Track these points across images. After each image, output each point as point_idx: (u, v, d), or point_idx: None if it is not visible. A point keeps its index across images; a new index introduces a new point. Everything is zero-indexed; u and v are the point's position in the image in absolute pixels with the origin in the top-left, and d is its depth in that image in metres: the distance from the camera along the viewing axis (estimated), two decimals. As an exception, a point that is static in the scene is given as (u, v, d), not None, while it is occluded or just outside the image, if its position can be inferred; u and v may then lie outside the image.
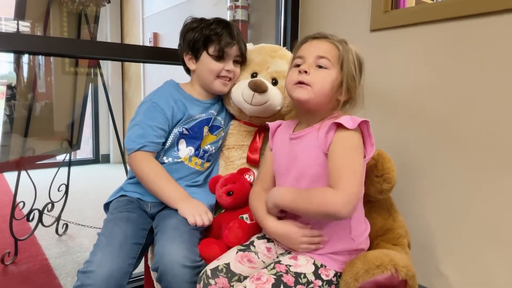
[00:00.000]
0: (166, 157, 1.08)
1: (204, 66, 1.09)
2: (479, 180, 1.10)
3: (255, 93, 1.05)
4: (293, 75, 0.89)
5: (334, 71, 0.86)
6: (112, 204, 1.07)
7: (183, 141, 1.10)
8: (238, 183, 1.04)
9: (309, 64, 0.87)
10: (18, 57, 1.81)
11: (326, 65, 0.86)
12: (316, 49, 0.88)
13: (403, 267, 0.83)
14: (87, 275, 0.84)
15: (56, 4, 1.97)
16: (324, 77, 0.86)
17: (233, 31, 1.09)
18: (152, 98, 1.08)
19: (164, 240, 0.92)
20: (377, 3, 1.31)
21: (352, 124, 0.81)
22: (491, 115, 1.07)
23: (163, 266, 0.87)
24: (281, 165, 0.93)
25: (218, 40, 1.07)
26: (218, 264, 0.87)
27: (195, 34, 1.08)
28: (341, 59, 0.86)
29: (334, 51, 0.87)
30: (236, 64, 1.12)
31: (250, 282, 0.78)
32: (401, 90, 1.28)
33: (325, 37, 0.90)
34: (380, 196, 1.02)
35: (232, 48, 1.09)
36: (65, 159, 2.21)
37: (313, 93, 0.85)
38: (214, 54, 1.07)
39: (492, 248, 1.08)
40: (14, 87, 1.79)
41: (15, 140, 1.78)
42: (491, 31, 1.05)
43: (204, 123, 1.11)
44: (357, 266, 0.83)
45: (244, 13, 1.80)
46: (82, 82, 2.18)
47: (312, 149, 0.86)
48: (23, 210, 1.92)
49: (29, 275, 1.60)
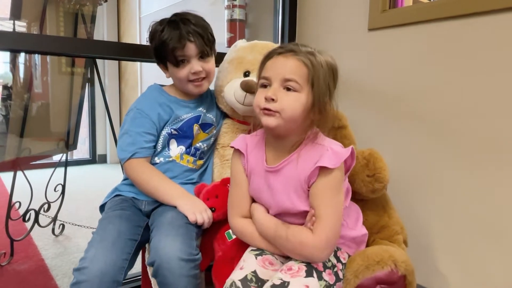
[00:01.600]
0: (157, 158, 1.08)
1: (173, 75, 1.09)
2: (478, 179, 1.10)
3: (247, 93, 1.04)
4: (259, 98, 0.81)
5: (304, 93, 0.78)
6: (107, 205, 1.06)
7: (174, 141, 1.10)
8: (221, 197, 0.99)
9: (275, 89, 0.79)
10: (14, 57, 1.80)
11: (294, 87, 0.78)
12: (283, 69, 0.79)
13: (402, 262, 0.84)
14: (81, 271, 0.84)
15: (53, 4, 1.96)
16: (293, 101, 0.78)
17: (183, 30, 1.01)
18: (137, 105, 1.08)
19: (160, 235, 0.91)
20: (375, 2, 1.31)
21: (335, 162, 0.78)
22: (489, 114, 1.07)
23: (159, 260, 0.87)
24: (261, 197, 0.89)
25: (167, 48, 1.02)
26: (245, 273, 0.82)
27: (153, 44, 1.07)
28: (311, 79, 0.78)
29: (302, 70, 0.78)
30: (203, 59, 1.05)
31: (284, 274, 0.77)
32: (399, 90, 1.28)
33: (291, 51, 0.80)
34: (372, 195, 1.02)
35: (187, 48, 1.02)
36: (62, 159, 2.19)
37: (282, 120, 0.78)
38: (172, 63, 1.04)
39: (491, 247, 1.08)
40: (10, 87, 1.78)
41: (11, 140, 1.77)
42: (489, 30, 1.06)
43: (193, 121, 1.11)
44: (357, 262, 0.83)
45: (242, 12, 1.79)
46: (79, 82, 2.16)
47: (292, 185, 0.82)
48: (19, 210, 1.91)
49: (26, 276, 1.59)
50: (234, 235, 0.98)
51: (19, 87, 1.82)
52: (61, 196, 2.12)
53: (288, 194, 0.83)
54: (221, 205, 0.99)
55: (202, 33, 1.04)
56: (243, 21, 1.81)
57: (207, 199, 1.00)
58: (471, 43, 1.10)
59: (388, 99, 1.31)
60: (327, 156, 0.78)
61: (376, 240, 1.02)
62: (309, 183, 0.81)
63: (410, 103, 1.25)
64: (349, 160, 0.83)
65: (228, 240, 0.99)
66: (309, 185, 0.81)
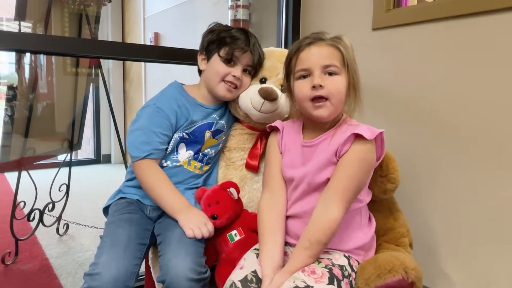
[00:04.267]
0: (165, 161, 1.08)
1: (212, 67, 1.09)
2: (483, 180, 1.09)
3: (265, 100, 1.04)
4: (305, 89, 0.85)
5: (344, 75, 0.85)
6: (112, 207, 1.06)
7: (183, 145, 1.09)
8: (222, 203, 0.99)
9: (319, 76, 0.84)
10: (19, 58, 1.81)
11: (335, 71, 0.84)
12: (320, 57, 0.84)
13: (412, 269, 0.84)
14: (94, 277, 0.83)
15: (57, 4, 1.97)
16: (338, 85, 0.84)
17: (250, 40, 1.08)
18: (156, 102, 1.06)
19: (169, 253, 0.91)
20: (379, 1, 1.31)
21: (370, 134, 0.81)
22: (494, 114, 1.06)
23: (170, 280, 0.86)
24: (294, 171, 0.90)
25: (231, 44, 1.06)
26: (245, 273, 0.83)
27: (212, 35, 1.08)
28: (346, 60, 0.85)
29: (337, 54, 0.85)
30: (245, 73, 1.10)
31: (308, 277, 0.77)
32: (404, 89, 1.27)
33: (319, 39, 0.86)
34: (383, 196, 1.02)
35: (244, 55, 1.07)
36: (66, 159, 2.20)
37: (332, 107, 0.84)
38: (223, 57, 1.06)
39: (496, 248, 1.07)
40: (15, 87, 1.79)
41: (16, 140, 1.78)
42: (494, 29, 1.05)
43: (205, 127, 1.10)
44: (368, 271, 0.83)
45: (245, 12, 1.79)
46: (83, 82, 2.17)
47: (327, 157, 0.85)
48: (24, 210, 1.92)
49: (30, 275, 1.59)
50: (236, 237, 0.99)
51: (24, 87, 1.83)
52: (66, 195, 2.13)
53: (319, 164, 0.86)
54: (223, 211, 0.99)
55: (261, 56, 1.12)
56: (246, 21, 1.81)
57: (208, 206, 0.99)
58: (476, 43, 1.09)
59: (393, 99, 1.30)
60: (362, 128, 0.82)
61: (383, 244, 1.01)
62: (340, 152, 0.83)
63: (416, 102, 1.24)
64: (379, 149, 0.87)
65: (231, 242, 0.99)
66: (340, 155, 0.83)
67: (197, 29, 1.13)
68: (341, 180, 0.82)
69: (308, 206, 0.87)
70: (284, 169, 0.93)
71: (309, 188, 0.87)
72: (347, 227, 0.87)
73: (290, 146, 0.93)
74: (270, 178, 0.95)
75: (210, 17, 1.11)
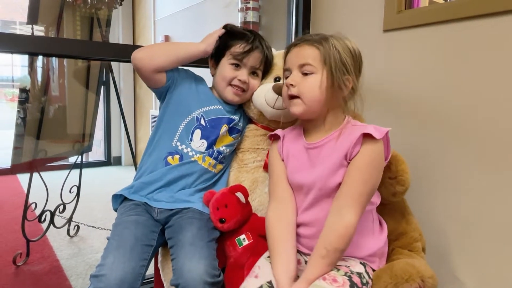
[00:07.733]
0: (180, 144, 1.09)
1: (220, 72, 1.11)
2: (494, 181, 1.07)
3: (279, 96, 1.04)
4: (285, 88, 0.89)
5: (320, 74, 0.84)
6: (120, 209, 1.06)
7: (199, 132, 1.10)
8: (230, 207, 0.98)
9: (293, 76, 0.86)
10: (32, 61, 1.83)
11: (310, 70, 0.85)
12: (297, 57, 0.87)
13: (429, 278, 0.83)
14: (99, 278, 0.83)
15: (69, 8, 1.99)
16: (310, 84, 0.85)
17: (257, 40, 1.09)
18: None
19: (183, 257, 0.90)
20: (391, 3, 1.30)
21: (379, 134, 0.81)
22: (505, 116, 1.04)
23: (185, 283, 0.86)
24: (302, 176, 0.89)
25: (239, 42, 1.08)
26: (260, 283, 0.81)
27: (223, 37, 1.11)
28: (324, 58, 0.84)
29: (314, 53, 0.85)
30: (254, 76, 1.12)
31: (330, 285, 0.76)
32: (415, 91, 1.26)
33: (305, 40, 0.87)
34: (393, 198, 1.00)
35: (251, 55, 1.08)
36: (77, 161, 2.22)
37: (304, 104, 0.85)
38: (232, 55, 1.08)
39: (509, 251, 1.05)
40: (28, 90, 1.81)
41: (28, 142, 1.80)
42: (507, 30, 1.03)
43: (224, 121, 1.12)
44: (384, 280, 0.82)
45: (255, 15, 1.79)
46: (94, 85, 2.20)
47: (337, 160, 0.83)
48: (35, 211, 1.94)
49: (41, 276, 1.61)
50: (244, 242, 0.98)
51: (36, 90, 1.86)
52: (76, 197, 2.15)
53: (330, 168, 0.84)
54: (231, 215, 0.98)
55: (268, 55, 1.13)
56: (256, 24, 1.80)
57: (216, 209, 0.99)
58: (488, 44, 1.07)
59: (404, 100, 1.29)
60: (370, 128, 0.81)
61: (396, 249, 0.99)
62: (351, 154, 0.82)
63: (427, 104, 1.22)
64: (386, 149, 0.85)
65: (239, 246, 0.99)
66: (350, 158, 0.82)
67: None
68: (354, 183, 0.80)
69: (321, 214, 0.85)
70: (291, 176, 0.91)
71: (321, 193, 0.85)
72: (360, 232, 0.85)
73: (293, 151, 0.92)
74: (276, 187, 0.93)
75: (220, 20, 1.11)
